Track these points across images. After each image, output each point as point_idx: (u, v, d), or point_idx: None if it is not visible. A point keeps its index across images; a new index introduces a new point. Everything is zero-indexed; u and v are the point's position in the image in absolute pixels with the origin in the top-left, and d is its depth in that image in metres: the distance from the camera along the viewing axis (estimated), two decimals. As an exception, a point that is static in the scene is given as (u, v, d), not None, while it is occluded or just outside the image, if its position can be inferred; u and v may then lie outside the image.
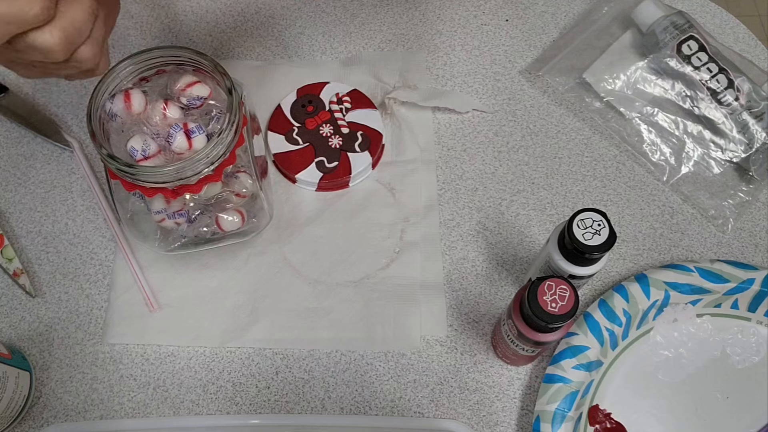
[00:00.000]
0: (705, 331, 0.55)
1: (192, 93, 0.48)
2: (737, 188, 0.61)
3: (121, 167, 0.45)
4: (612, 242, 0.45)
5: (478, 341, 0.55)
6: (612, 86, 0.63)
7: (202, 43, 0.68)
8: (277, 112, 0.63)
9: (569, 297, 0.43)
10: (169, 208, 0.50)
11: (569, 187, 0.62)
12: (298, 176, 0.60)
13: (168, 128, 0.47)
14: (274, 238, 0.59)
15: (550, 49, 0.68)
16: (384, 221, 0.59)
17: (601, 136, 0.64)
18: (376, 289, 0.57)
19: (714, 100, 0.61)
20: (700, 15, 0.70)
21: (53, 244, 0.59)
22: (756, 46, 0.68)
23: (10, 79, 0.66)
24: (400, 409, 0.53)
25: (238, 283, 0.57)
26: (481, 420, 0.53)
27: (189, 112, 0.49)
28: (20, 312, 0.56)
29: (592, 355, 0.52)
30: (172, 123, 0.47)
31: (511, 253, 0.59)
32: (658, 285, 0.54)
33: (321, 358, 0.55)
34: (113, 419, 0.52)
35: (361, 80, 0.65)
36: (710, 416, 0.52)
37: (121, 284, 0.57)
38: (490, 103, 0.65)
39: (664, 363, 0.54)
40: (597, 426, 0.52)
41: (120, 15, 0.69)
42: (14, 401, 0.50)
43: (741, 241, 0.59)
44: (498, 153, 0.63)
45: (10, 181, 0.61)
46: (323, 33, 0.69)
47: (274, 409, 0.53)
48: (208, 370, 0.54)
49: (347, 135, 0.61)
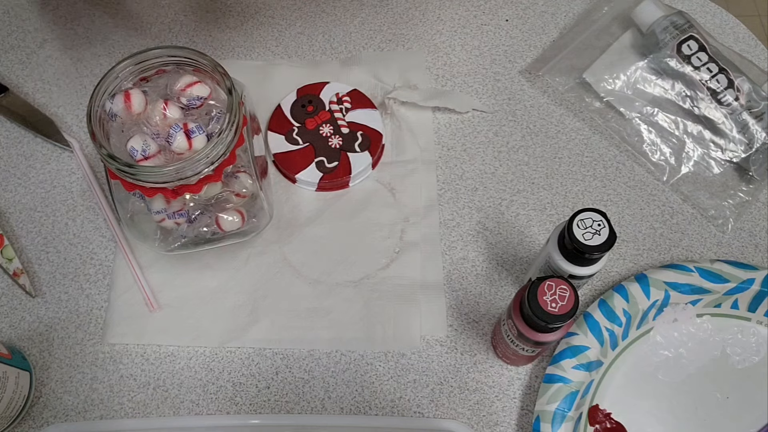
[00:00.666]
0: (705, 331, 0.55)
1: (192, 93, 0.48)
2: (737, 188, 0.61)
3: (121, 167, 0.45)
4: (612, 242, 0.45)
5: (478, 341, 0.55)
6: (612, 86, 0.63)
7: (202, 43, 0.68)
8: (277, 112, 0.63)
9: (569, 297, 0.43)
10: (169, 208, 0.50)
11: (569, 187, 0.62)
12: (298, 176, 0.60)
13: (168, 128, 0.47)
14: (274, 238, 0.59)
15: (550, 49, 0.68)
16: (384, 221, 0.59)
17: (601, 136, 0.64)
18: (376, 289, 0.57)
19: (714, 100, 0.61)
20: (700, 15, 0.70)
21: (53, 244, 0.59)
22: (756, 46, 0.68)
23: (10, 80, 0.66)
24: (400, 409, 0.53)
25: (238, 283, 0.57)
26: (481, 420, 0.53)
27: (189, 112, 0.49)
28: (20, 312, 0.56)
29: (592, 355, 0.52)
30: (172, 123, 0.47)
31: (511, 253, 0.59)
32: (658, 285, 0.54)
33: (321, 358, 0.55)
34: (113, 419, 0.52)
35: (361, 80, 0.65)
36: (710, 416, 0.52)
37: (121, 284, 0.57)
38: (490, 103, 0.65)
39: (664, 363, 0.54)
40: (597, 426, 0.52)
41: (120, 15, 0.69)
42: (14, 401, 0.50)
43: (741, 241, 0.59)
44: (498, 153, 0.63)
45: (10, 181, 0.61)
46: (323, 33, 0.69)
47: (274, 409, 0.53)
48: (208, 370, 0.54)
49: (347, 135, 0.61)
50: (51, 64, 0.67)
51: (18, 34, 0.68)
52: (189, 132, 0.47)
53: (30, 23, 0.69)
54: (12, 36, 0.68)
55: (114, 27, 0.69)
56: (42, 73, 0.66)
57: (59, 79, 0.66)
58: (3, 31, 0.68)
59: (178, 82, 0.48)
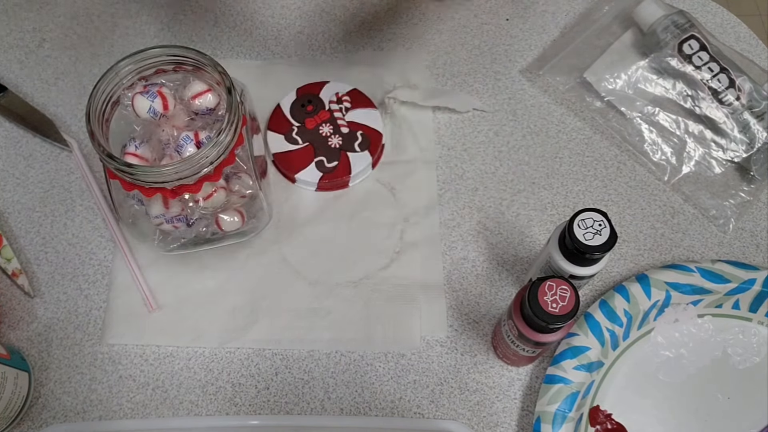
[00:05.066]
0: (706, 332, 0.55)
1: (202, 104, 0.48)
2: (738, 188, 0.61)
3: (120, 167, 0.45)
4: (613, 242, 0.45)
5: (478, 342, 0.55)
6: (613, 86, 0.63)
7: (202, 43, 0.68)
8: (276, 112, 0.63)
9: (570, 297, 0.43)
10: (168, 213, 0.50)
11: (570, 187, 0.61)
12: (298, 176, 0.60)
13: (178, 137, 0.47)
14: (273, 238, 0.59)
15: (550, 49, 0.68)
16: (384, 221, 0.59)
17: (602, 135, 0.64)
18: (376, 290, 0.57)
19: (715, 100, 0.61)
20: (701, 14, 0.70)
21: (52, 244, 0.58)
22: (757, 45, 0.68)
23: (8, 79, 0.66)
24: (400, 409, 0.53)
25: (238, 284, 0.57)
26: (481, 421, 0.53)
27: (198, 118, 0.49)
28: (19, 312, 0.56)
29: (593, 355, 0.52)
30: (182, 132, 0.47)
31: (511, 253, 0.58)
32: (659, 285, 0.54)
33: (321, 358, 0.55)
34: (112, 420, 0.52)
35: (361, 80, 0.65)
36: (711, 417, 0.52)
37: (120, 284, 0.56)
38: (491, 103, 0.65)
39: (665, 363, 0.54)
40: (598, 427, 0.52)
41: (120, 15, 0.69)
42: (13, 402, 0.50)
43: (742, 241, 0.59)
44: (498, 153, 0.63)
45: (8, 181, 0.61)
46: (323, 33, 0.69)
47: (273, 410, 0.53)
48: (208, 371, 0.54)
49: (347, 135, 0.61)
50: (50, 64, 0.66)
51: (17, 33, 0.68)
52: (200, 144, 0.47)
53: (29, 22, 0.69)
54: (11, 35, 0.68)
55: (114, 27, 0.69)
56: (41, 73, 0.66)
57: (58, 79, 0.66)
58: (1, 30, 0.68)
59: (189, 90, 0.48)
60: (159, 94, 0.47)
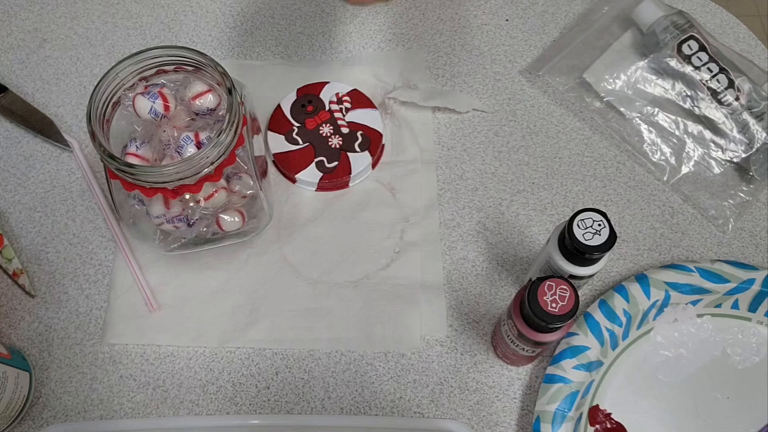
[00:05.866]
0: (705, 332, 0.55)
1: (203, 104, 0.48)
2: (737, 188, 0.61)
3: (121, 167, 0.45)
4: (612, 242, 0.45)
5: (478, 341, 0.55)
6: (612, 86, 0.63)
7: (202, 43, 0.68)
8: (276, 112, 0.63)
9: (569, 297, 0.43)
10: (169, 213, 0.50)
11: (569, 187, 0.61)
12: (298, 176, 0.60)
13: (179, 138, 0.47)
14: (273, 238, 0.59)
15: (550, 49, 0.68)
16: (384, 221, 0.59)
17: (602, 136, 0.64)
18: (376, 289, 0.57)
19: (714, 100, 0.61)
20: (701, 15, 0.70)
21: (53, 244, 0.59)
22: (756, 45, 0.68)
23: (9, 79, 0.66)
24: (400, 409, 0.53)
25: (238, 284, 0.57)
26: (481, 420, 0.53)
27: (198, 119, 0.49)
28: (20, 312, 0.56)
29: (593, 355, 0.52)
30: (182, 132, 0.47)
31: (511, 253, 0.59)
32: (658, 285, 0.54)
33: (321, 358, 0.55)
34: (113, 419, 0.52)
35: (361, 80, 0.65)
36: (710, 416, 0.52)
37: (120, 284, 0.57)
38: (490, 103, 0.65)
39: (665, 363, 0.54)
40: (597, 426, 0.52)
41: (120, 15, 0.69)
42: (14, 401, 0.50)
43: (741, 241, 0.59)
44: (498, 153, 0.63)
45: (9, 181, 0.61)
46: (323, 33, 0.69)
47: (273, 410, 0.53)
48: (208, 371, 0.54)
49: (347, 135, 0.61)
50: (50, 64, 0.67)
51: (17, 33, 0.68)
52: (200, 144, 0.47)
53: (29, 23, 0.69)
54: (11, 36, 0.68)
55: (114, 27, 0.69)
56: (42, 73, 0.66)
57: (59, 79, 0.66)
58: (2, 30, 0.68)
59: (189, 90, 0.48)
60: (160, 94, 0.47)
